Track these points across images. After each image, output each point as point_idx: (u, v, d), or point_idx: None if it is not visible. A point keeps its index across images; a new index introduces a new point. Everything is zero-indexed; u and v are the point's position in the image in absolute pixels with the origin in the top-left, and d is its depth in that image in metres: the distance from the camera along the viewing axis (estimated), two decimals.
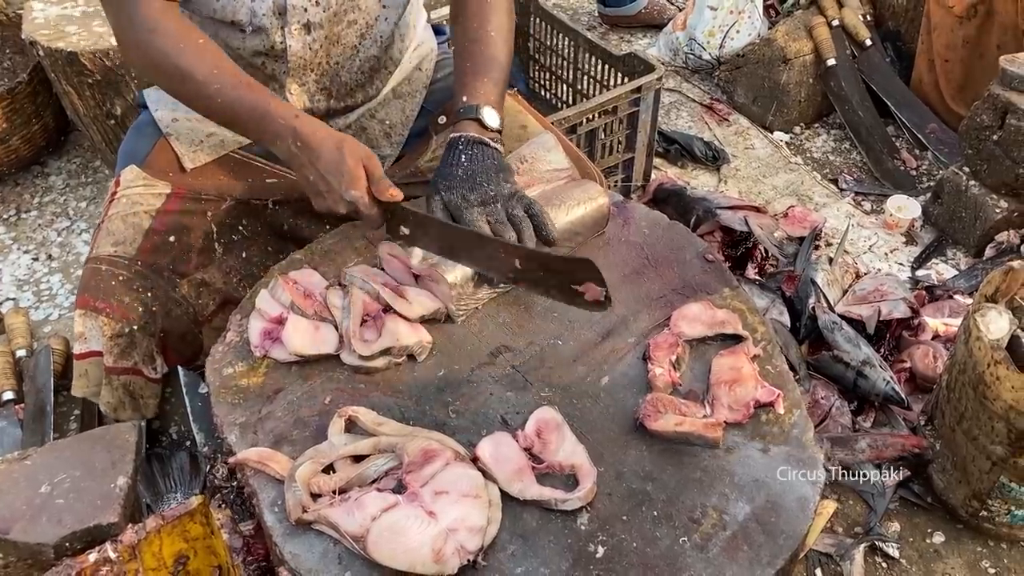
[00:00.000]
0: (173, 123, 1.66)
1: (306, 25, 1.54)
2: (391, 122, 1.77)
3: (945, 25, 2.67)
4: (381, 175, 1.34)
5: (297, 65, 1.59)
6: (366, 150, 1.37)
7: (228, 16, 1.50)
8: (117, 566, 1.28)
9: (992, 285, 1.65)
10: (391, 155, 1.79)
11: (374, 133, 1.76)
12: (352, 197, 1.33)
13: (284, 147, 1.39)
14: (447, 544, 1.04)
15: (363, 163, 1.34)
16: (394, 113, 1.76)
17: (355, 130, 1.73)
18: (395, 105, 1.76)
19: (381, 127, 1.76)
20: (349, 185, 1.32)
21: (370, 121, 1.74)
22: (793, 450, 1.18)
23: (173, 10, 1.44)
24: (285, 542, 1.10)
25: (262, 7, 1.49)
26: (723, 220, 2.27)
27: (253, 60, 1.58)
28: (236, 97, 1.39)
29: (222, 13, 1.50)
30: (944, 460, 1.71)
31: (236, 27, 1.52)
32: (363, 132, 1.75)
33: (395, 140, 1.78)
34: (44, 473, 1.37)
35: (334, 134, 1.38)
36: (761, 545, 1.08)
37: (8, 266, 2.42)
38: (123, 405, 1.60)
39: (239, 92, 1.39)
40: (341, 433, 1.19)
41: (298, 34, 1.54)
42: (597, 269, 1.19)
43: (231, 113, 1.42)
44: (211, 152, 1.65)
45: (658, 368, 1.26)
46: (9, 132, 2.53)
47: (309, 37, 1.55)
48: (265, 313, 1.34)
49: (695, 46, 3.10)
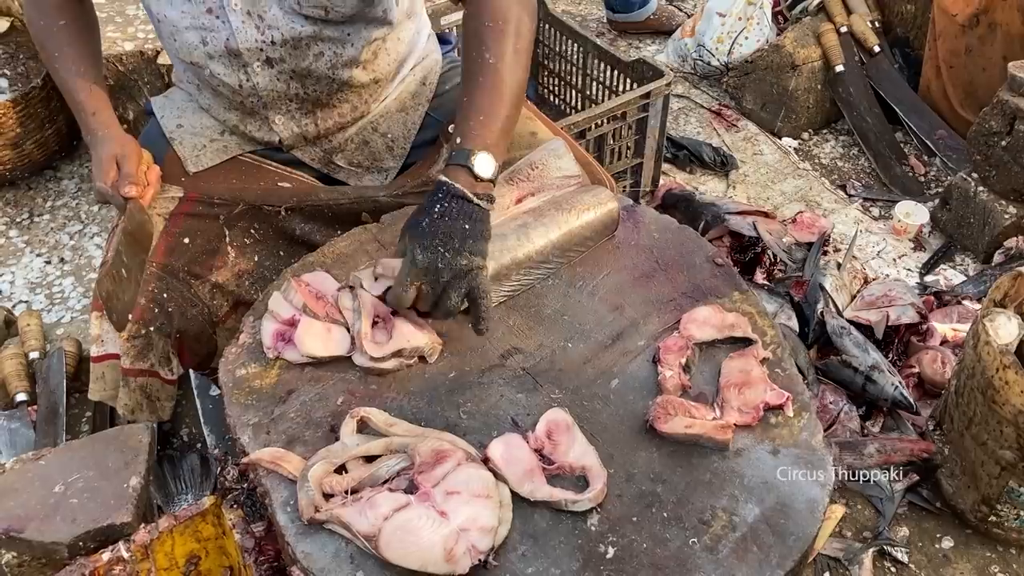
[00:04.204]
0: (177, 129, 1.69)
1: (267, 61, 1.55)
2: (393, 136, 1.77)
3: (949, 33, 2.68)
4: (128, 172, 1.51)
5: (272, 98, 1.61)
6: (127, 149, 1.54)
7: (185, 57, 1.57)
8: (130, 565, 1.29)
9: (1001, 290, 1.65)
10: (394, 167, 1.79)
11: (376, 147, 1.76)
12: (97, 188, 1.53)
13: (86, 139, 1.59)
14: (458, 544, 1.05)
15: (116, 160, 1.53)
16: (396, 127, 1.76)
17: (357, 144, 1.74)
18: (397, 119, 1.76)
19: (383, 140, 1.76)
20: (98, 177, 1.52)
21: (372, 135, 1.75)
22: (802, 452, 1.19)
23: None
24: (297, 541, 1.10)
25: (215, 50, 1.53)
26: (732, 225, 2.27)
27: (233, 98, 1.61)
28: (68, 87, 1.58)
29: (182, 53, 1.57)
30: (953, 465, 1.71)
31: (199, 68, 1.57)
32: (365, 146, 1.75)
33: (397, 153, 1.79)
34: (58, 473, 1.38)
35: (111, 134, 1.56)
36: (771, 547, 1.09)
37: (21, 269, 2.45)
38: (140, 407, 1.61)
39: (71, 83, 1.58)
40: (353, 434, 1.19)
41: (261, 70, 1.56)
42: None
43: (67, 99, 1.61)
44: (214, 156, 1.67)
45: (668, 371, 1.27)
46: (23, 137, 2.55)
47: (273, 71, 1.56)
48: (278, 315, 1.35)
49: (704, 52, 3.11)
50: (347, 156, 1.74)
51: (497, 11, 1.40)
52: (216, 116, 1.68)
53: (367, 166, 1.77)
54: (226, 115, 1.67)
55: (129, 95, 2.42)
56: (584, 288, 1.42)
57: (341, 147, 1.73)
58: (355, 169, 1.76)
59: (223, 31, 1.50)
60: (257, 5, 1.48)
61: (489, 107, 1.36)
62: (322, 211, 1.67)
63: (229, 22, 1.49)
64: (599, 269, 1.45)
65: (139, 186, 1.52)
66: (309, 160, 1.73)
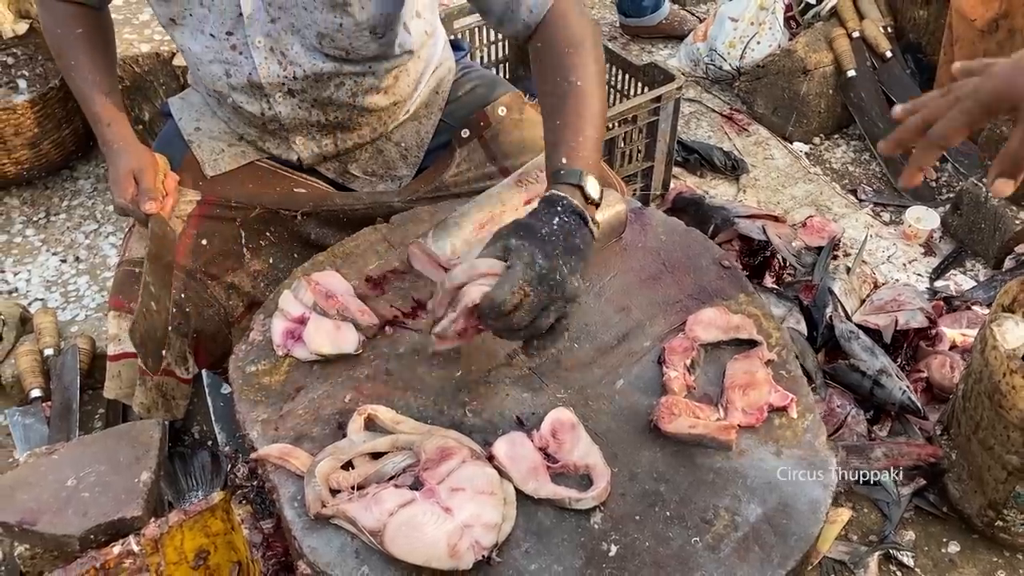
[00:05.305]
0: (196, 132, 1.70)
1: (289, 92, 1.57)
2: (407, 145, 1.78)
3: (967, 39, 2.68)
4: (147, 187, 1.52)
5: (294, 124, 1.63)
6: (144, 162, 1.55)
7: (209, 86, 1.60)
8: (140, 559, 1.31)
9: (1009, 295, 1.65)
10: (408, 175, 1.81)
11: (391, 155, 1.78)
12: (117, 203, 1.55)
13: (102, 150, 1.60)
14: (462, 539, 1.06)
15: (133, 174, 1.54)
16: (410, 136, 1.78)
17: (371, 153, 1.76)
18: (411, 127, 1.78)
19: (397, 149, 1.78)
20: (117, 193, 1.54)
21: (387, 144, 1.77)
22: (805, 453, 1.19)
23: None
24: (304, 536, 1.12)
25: (238, 82, 1.55)
26: (741, 229, 2.28)
27: (254, 121, 1.64)
28: (84, 96, 1.60)
29: (205, 82, 1.60)
30: (960, 470, 1.71)
31: (222, 96, 1.59)
32: (379, 155, 1.77)
33: (411, 161, 1.80)
34: (71, 467, 1.40)
35: (127, 147, 1.57)
36: (772, 546, 1.10)
37: (37, 268, 2.48)
38: (156, 406, 1.63)
39: (86, 92, 1.59)
40: (360, 431, 1.21)
41: (283, 100, 1.58)
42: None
43: (83, 108, 1.62)
44: (232, 161, 1.69)
45: (673, 371, 1.28)
46: (40, 137, 2.58)
47: (295, 99, 1.59)
48: (288, 313, 1.37)
49: (716, 57, 3.12)
50: (361, 165, 1.76)
51: (573, 37, 1.39)
52: (235, 129, 1.71)
53: (381, 174, 1.79)
54: (245, 130, 1.69)
55: (145, 96, 2.44)
56: (591, 289, 1.43)
57: (356, 157, 1.75)
58: (369, 178, 1.78)
59: (246, 66, 1.52)
60: (280, 43, 1.50)
61: (585, 129, 1.31)
62: (337, 216, 1.69)
63: (252, 58, 1.51)
64: (606, 270, 1.46)
65: (158, 201, 1.53)
66: (324, 171, 1.76)
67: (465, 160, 1.74)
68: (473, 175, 1.73)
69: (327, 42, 1.49)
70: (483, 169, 1.73)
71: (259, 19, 1.47)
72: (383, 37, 1.52)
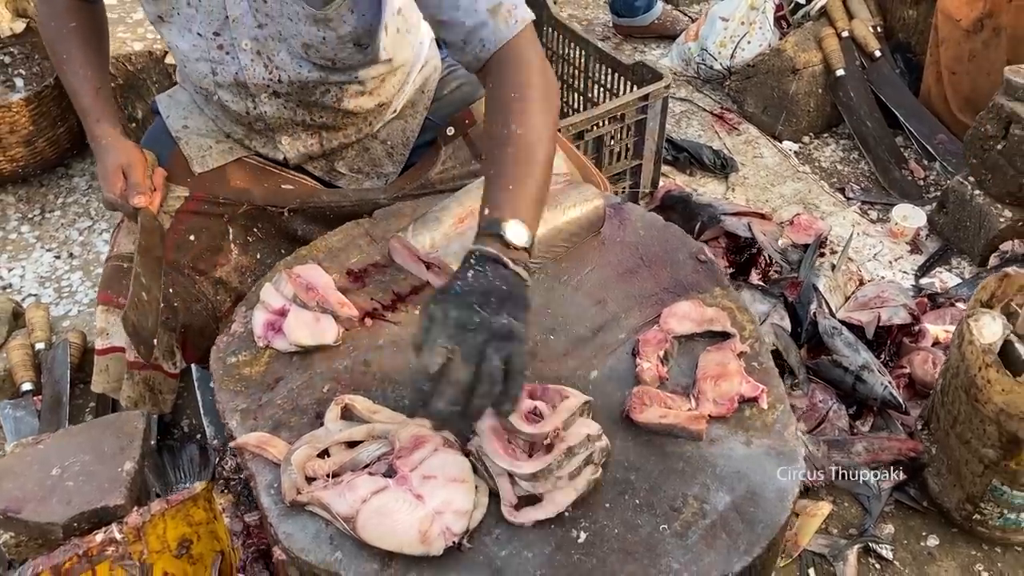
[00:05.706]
0: (183, 129, 1.72)
1: (274, 93, 1.59)
2: (392, 143, 1.80)
3: (952, 38, 2.69)
4: (135, 182, 1.56)
5: (279, 124, 1.65)
6: (132, 158, 1.58)
7: (195, 83, 1.62)
8: (122, 547, 1.32)
9: (987, 291, 1.67)
10: (394, 173, 1.83)
11: (376, 153, 1.80)
12: (106, 198, 1.58)
13: (91, 145, 1.64)
14: (433, 526, 1.08)
15: (122, 169, 1.57)
16: (396, 135, 1.80)
17: (357, 151, 1.78)
18: (397, 126, 1.80)
19: (383, 147, 1.80)
20: (106, 188, 1.58)
21: (372, 142, 1.78)
22: (775, 443, 1.21)
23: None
24: (279, 523, 1.14)
25: (224, 80, 1.57)
26: (727, 226, 2.29)
27: (240, 120, 1.65)
28: (75, 90, 1.63)
29: (192, 78, 1.62)
30: (939, 464, 1.73)
31: (208, 93, 1.62)
32: (366, 153, 1.79)
33: (397, 159, 1.82)
34: (56, 457, 1.42)
35: (116, 142, 1.60)
36: (739, 534, 1.11)
37: (31, 263, 2.50)
38: (143, 400, 1.65)
39: (77, 86, 1.62)
40: (337, 420, 1.23)
41: (269, 100, 1.60)
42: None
43: (73, 102, 1.65)
44: (219, 158, 1.71)
45: (646, 363, 1.30)
46: (35, 135, 2.60)
47: (280, 100, 1.61)
48: (269, 305, 1.39)
49: (707, 56, 3.13)
50: (348, 163, 1.78)
51: (521, 83, 1.36)
52: (222, 127, 1.73)
53: (367, 172, 1.81)
54: (232, 128, 1.71)
55: (138, 94, 2.46)
56: (568, 283, 1.45)
57: (342, 155, 1.77)
58: (355, 175, 1.80)
59: (232, 66, 1.54)
60: (267, 48, 1.52)
61: (519, 177, 1.29)
62: (324, 213, 1.71)
63: (238, 59, 1.53)
64: (584, 264, 1.48)
65: (146, 195, 1.56)
66: (311, 168, 1.77)
67: (451, 157, 1.76)
68: (458, 172, 1.75)
69: (313, 52, 1.52)
70: (468, 166, 1.75)
71: (246, 23, 1.49)
72: (367, 47, 1.55)
